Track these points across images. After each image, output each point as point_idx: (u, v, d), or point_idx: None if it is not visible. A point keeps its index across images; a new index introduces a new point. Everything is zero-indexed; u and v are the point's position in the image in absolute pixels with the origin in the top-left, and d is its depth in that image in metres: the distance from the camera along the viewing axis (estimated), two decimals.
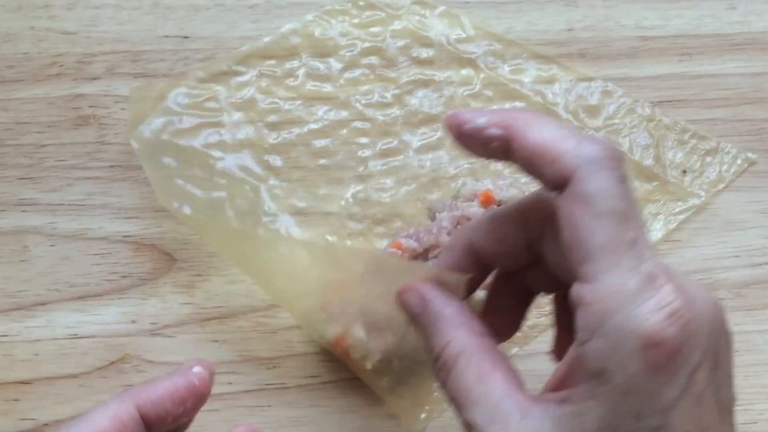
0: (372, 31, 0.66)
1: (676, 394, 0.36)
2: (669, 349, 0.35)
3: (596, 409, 0.36)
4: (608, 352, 0.36)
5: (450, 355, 0.40)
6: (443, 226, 0.52)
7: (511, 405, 0.38)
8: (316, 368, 0.53)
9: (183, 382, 0.41)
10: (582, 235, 0.37)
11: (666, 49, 0.65)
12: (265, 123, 0.61)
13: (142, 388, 0.40)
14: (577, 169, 0.37)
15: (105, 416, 0.39)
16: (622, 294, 0.36)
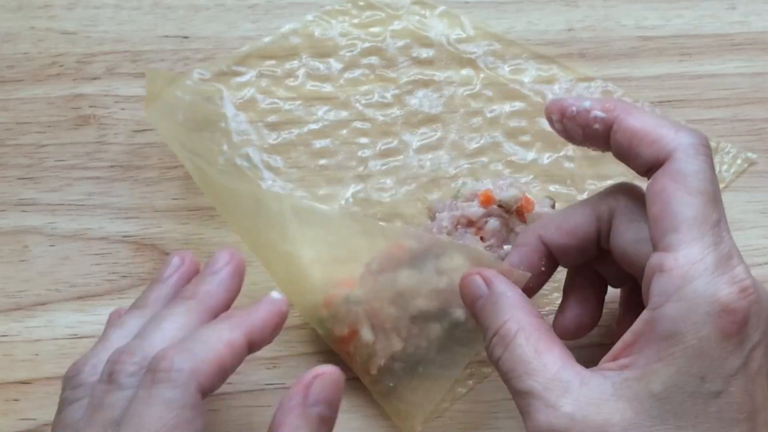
0: (372, 32, 0.66)
1: (738, 364, 0.38)
2: (740, 318, 0.38)
3: (663, 370, 0.39)
4: (683, 314, 0.39)
5: (509, 330, 0.43)
6: (443, 226, 0.52)
7: (569, 374, 0.41)
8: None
9: (276, 311, 0.45)
10: (673, 207, 0.40)
11: (666, 49, 0.65)
12: (265, 123, 0.61)
13: (246, 318, 0.44)
14: (675, 151, 0.42)
15: (220, 341, 0.41)
16: (702, 264, 0.39)
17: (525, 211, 0.53)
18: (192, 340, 0.41)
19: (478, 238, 0.52)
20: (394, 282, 0.49)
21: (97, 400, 0.40)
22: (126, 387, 0.40)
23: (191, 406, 0.39)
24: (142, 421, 0.38)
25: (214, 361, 0.40)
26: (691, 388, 0.38)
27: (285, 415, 0.41)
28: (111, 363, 0.41)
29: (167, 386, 0.39)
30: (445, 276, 0.50)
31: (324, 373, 0.42)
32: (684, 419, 0.38)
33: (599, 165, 0.59)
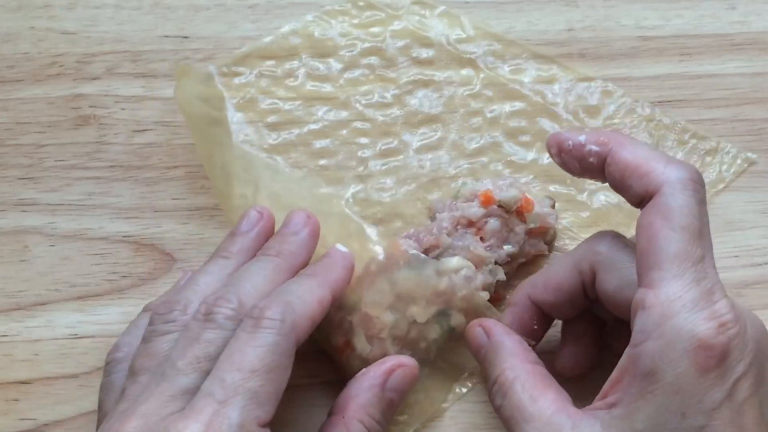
0: (372, 32, 0.66)
1: (720, 398, 0.39)
2: (717, 353, 0.39)
3: (645, 408, 0.40)
4: (662, 351, 0.39)
5: (506, 378, 0.45)
6: (443, 227, 0.52)
7: (562, 418, 0.42)
8: (316, 368, 0.53)
9: (349, 266, 0.49)
10: (657, 243, 0.41)
11: (666, 49, 0.65)
12: (265, 123, 0.61)
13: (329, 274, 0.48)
14: (663, 185, 0.42)
15: (313, 297, 0.45)
16: (681, 301, 0.40)
17: (525, 211, 0.53)
18: (289, 294, 0.44)
19: (477, 238, 0.52)
20: (393, 284, 0.49)
21: (194, 335, 0.43)
22: (224, 328, 0.43)
23: (289, 354, 0.43)
24: (243, 358, 0.41)
25: (308, 316, 0.44)
26: (673, 424, 0.39)
27: (363, 390, 0.47)
28: (209, 304, 0.44)
29: (271, 332, 0.42)
30: (445, 277, 0.50)
31: (407, 365, 0.48)
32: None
33: None
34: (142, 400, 0.41)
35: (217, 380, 0.40)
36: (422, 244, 0.51)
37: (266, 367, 0.41)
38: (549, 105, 0.62)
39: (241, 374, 0.40)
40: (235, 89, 0.62)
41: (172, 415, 0.40)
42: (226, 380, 0.40)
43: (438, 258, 0.51)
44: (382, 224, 0.57)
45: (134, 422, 0.40)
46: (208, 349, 0.42)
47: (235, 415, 0.40)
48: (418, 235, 0.52)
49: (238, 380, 0.40)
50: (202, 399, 0.40)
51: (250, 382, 0.40)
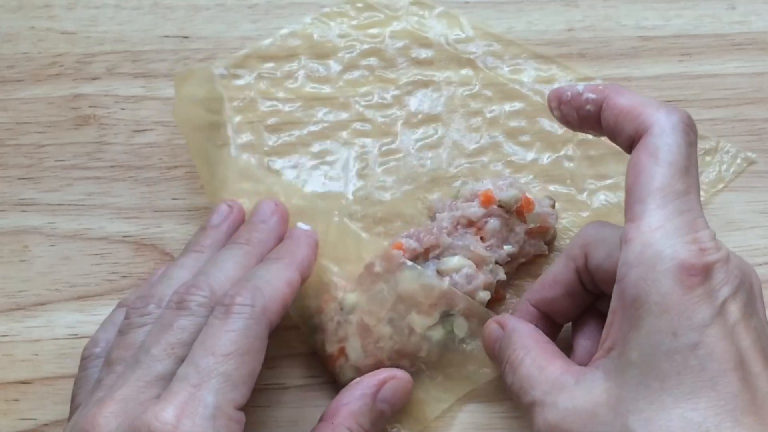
0: (370, 33, 0.66)
1: (709, 315, 0.39)
2: (698, 271, 0.39)
3: (635, 336, 0.40)
4: (644, 276, 0.40)
5: (517, 356, 0.46)
6: (443, 226, 0.52)
7: (566, 377, 0.43)
8: (316, 368, 0.53)
9: (313, 243, 0.51)
10: (641, 179, 0.42)
11: (666, 49, 0.65)
12: (265, 125, 0.61)
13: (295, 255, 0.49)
14: (652, 125, 0.43)
15: (282, 280, 0.46)
16: (662, 230, 0.40)
17: (525, 211, 0.53)
18: (258, 280, 0.45)
19: (478, 238, 0.52)
20: (394, 286, 0.49)
21: (167, 322, 0.44)
22: (197, 314, 0.44)
23: (261, 337, 0.44)
24: (216, 342, 0.42)
25: (279, 299, 0.45)
26: (666, 346, 0.39)
27: (354, 398, 0.47)
28: (180, 293, 0.45)
29: (242, 317, 0.43)
30: (446, 277, 0.50)
31: (400, 378, 0.48)
32: (667, 380, 0.39)
33: (599, 165, 0.59)
34: (118, 386, 0.42)
35: (192, 365, 0.41)
36: (422, 244, 0.51)
37: (239, 350, 0.42)
38: None
39: (214, 358, 0.41)
40: (234, 92, 0.62)
41: (149, 400, 0.41)
42: (200, 365, 0.41)
43: (438, 258, 0.51)
44: (383, 224, 0.57)
45: (111, 407, 0.41)
46: (182, 336, 0.44)
47: (210, 398, 0.40)
48: (419, 235, 0.52)
49: (212, 364, 0.41)
50: (177, 383, 0.41)
51: (223, 365, 0.41)
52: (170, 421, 0.39)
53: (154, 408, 0.40)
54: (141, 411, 0.40)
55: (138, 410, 0.40)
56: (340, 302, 0.50)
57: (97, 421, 0.40)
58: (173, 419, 0.39)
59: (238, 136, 0.60)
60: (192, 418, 0.40)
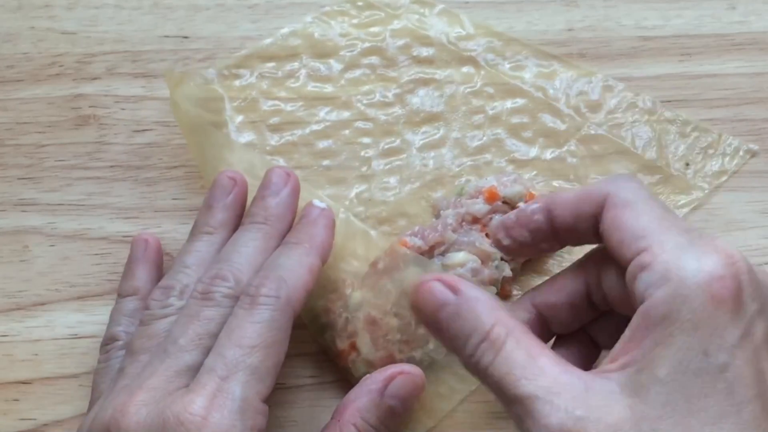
0: (371, 31, 0.66)
1: (738, 334, 0.37)
2: (731, 283, 0.37)
3: (665, 353, 0.37)
4: (673, 293, 0.38)
5: (499, 335, 0.40)
6: (448, 223, 0.52)
7: (571, 378, 0.39)
8: (316, 368, 0.52)
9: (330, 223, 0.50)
10: (628, 224, 0.41)
11: (666, 49, 0.65)
12: (267, 125, 0.61)
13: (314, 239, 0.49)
14: (609, 194, 0.43)
15: (303, 268, 0.46)
16: (679, 248, 0.39)
17: None
18: (281, 269, 0.46)
19: (483, 234, 0.52)
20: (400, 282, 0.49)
21: (193, 313, 0.45)
22: (222, 305, 0.45)
23: (285, 328, 0.44)
24: (243, 334, 0.42)
25: (302, 288, 0.45)
26: (696, 364, 0.37)
27: (361, 395, 0.46)
28: (206, 284, 0.46)
29: (268, 308, 0.43)
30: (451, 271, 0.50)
31: (410, 373, 0.47)
32: (694, 401, 0.37)
33: (602, 160, 0.60)
34: (147, 375, 0.42)
35: (219, 357, 0.42)
36: (427, 241, 0.51)
37: (264, 342, 0.43)
38: (550, 101, 0.62)
39: (241, 350, 0.42)
40: (236, 91, 0.62)
41: (177, 390, 0.41)
42: (227, 356, 0.42)
43: (443, 254, 0.51)
44: (387, 223, 0.57)
45: (142, 396, 0.41)
46: (209, 327, 0.44)
47: (238, 391, 0.41)
48: (423, 233, 0.52)
49: (239, 356, 0.42)
50: (205, 375, 0.41)
51: (250, 357, 0.42)
52: (200, 413, 0.40)
53: (184, 399, 0.40)
54: (170, 401, 0.40)
55: (167, 400, 0.41)
56: (346, 300, 0.50)
57: (128, 410, 0.41)
58: (203, 411, 0.40)
59: (240, 135, 0.60)
60: (221, 411, 0.40)
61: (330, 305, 0.51)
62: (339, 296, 0.51)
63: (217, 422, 0.40)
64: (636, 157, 0.60)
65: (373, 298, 0.49)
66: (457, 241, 0.52)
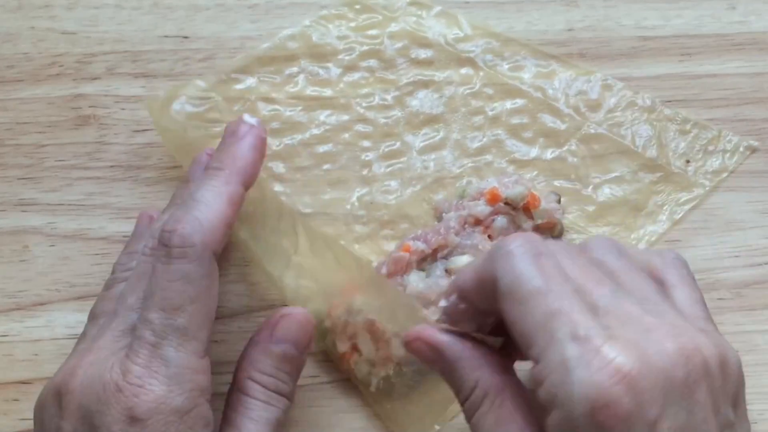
0: (369, 34, 0.66)
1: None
2: (617, 408, 0.35)
3: None
4: (563, 422, 0.36)
5: (477, 396, 0.41)
6: (451, 226, 0.52)
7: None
8: (316, 368, 0.52)
9: (260, 142, 0.48)
10: (518, 326, 0.38)
11: (666, 49, 0.65)
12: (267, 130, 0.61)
13: (235, 161, 0.47)
14: (494, 270, 0.39)
15: (222, 200, 0.45)
16: (564, 365, 0.36)
17: (532, 207, 0.53)
18: (195, 206, 0.44)
19: (486, 236, 0.52)
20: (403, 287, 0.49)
21: (143, 270, 0.45)
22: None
23: (208, 275, 0.43)
24: (165, 295, 0.42)
25: (221, 224, 0.44)
26: None
27: (251, 348, 0.46)
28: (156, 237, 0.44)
29: (184, 261, 0.42)
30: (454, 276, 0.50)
31: (291, 314, 0.46)
32: None
33: (603, 160, 0.60)
34: (98, 335, 0.43)
35: (147, 323, 0.42)
36: (430, 245, 0.51)
37: (188, 298, 0.42)
38: (550, 101, 0.62)
39: (166, 313, 0.42)
40: (235, 96, 0.62)
41: (122, 350, 0.42)
42: (153, 321, 0.42)
43: (447, 258, 0.51)
44: (389, 226, 0.57)
45: (90, 357, 0.42)
46: None
47: (171, 355, 0.41)
48: (426, 236, 0.52)
49: (165, 320, 0.42)
50: (137, 341, 0.42)
51: (176, 319, 0.42)
52: (136, 382, 0.40)
53: (122, 366, 0.41)
54: (110, 365, 0.41)
55: (108, 363, 0.41)
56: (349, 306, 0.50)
57: (77, 371, 0.41)
58: (138, 379, 0.40)
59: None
60: (157, 377, 0.41)
61: (332, 310, 0.51)
62: (342, 301, 0.51)
63: (154, 388, 0.40)
64: (636, 155, 0.60)
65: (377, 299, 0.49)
66: (460, 244, 0.52)
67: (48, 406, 0.42)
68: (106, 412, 0.40)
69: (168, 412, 0.41)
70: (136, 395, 0.40)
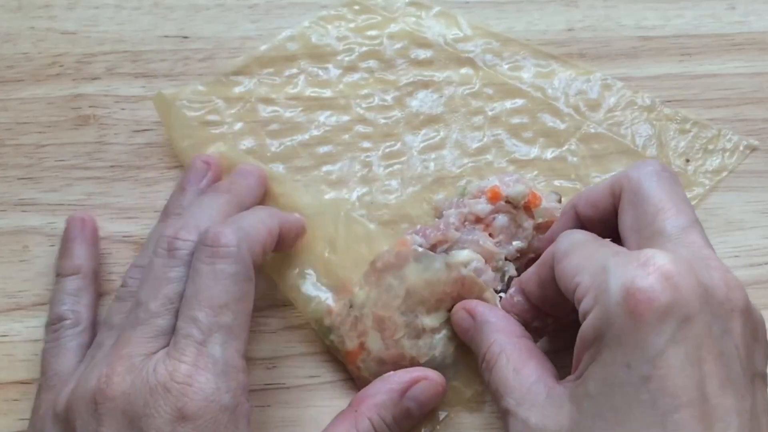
0: (369, 35, 0.66)
1: (662, 343, 0.37)
2: (649, 295, 0.37)
3: (594, 370, 0.39)
4: (599, 315, 0.39)
5: (493, 354, 0.45)
6: (450, 222, 0.52)
7: (539, 387, 0.42)
8: (316, 368, 0.52)
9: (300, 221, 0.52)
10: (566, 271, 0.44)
11: (666, 49, 0.65)
12: (267, 132, 0.61)
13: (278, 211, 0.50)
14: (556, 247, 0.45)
15: (263, 225, 0.47)
16: (605, 272, 0.39)
17: (532, 206, 0.53)
18: (240, 220, 0.46)
19: (486, 234, 0.52)
20: (402, 280, 0.49)
21: (160, 274, 0.45)
22: (188, 264, 0.45)
23: (250, 279, 0.44)
24: (211, 294, 0.43)
25: (260, 242, 0.46)
26: (620, 379, 0.38)
27: (382, 391, 0.47)
28: (170, 240, 0.46)
29: (229, 261, 0.43)
30: (454, 270, 0.50)
31: (432, 379, 0.48)
32: (620, 412, 0.38)
33: (603, 159, 0.60)
34: (123, 344, 0.43)
35: (192, 321, 0.42)
36: (429, 240, 0.51)
37: (234, 297, 0.43)
38: (550, 100, 0.62)
39: (212, 311, 0.43)
40: (234, 98, 0.62)
41: (156, 353, 0.42)
42: (200, 319, 0.42)
43: (447, 252, 0.51)
44: (389, 226, 0.57)
45: (123, 364, 0.42)
46: (178, 288, 0.44)
47: (218, 352, 0.42)
48: (425, 231, 0.52)
49: (212, 318, 0.42)
50: (182, 340, 0.42)
51: (222, 317, 0.43)
52: (184, 380, 0.41)
53: (167, 367, 0.41)
54: (153, 369, 0.41)
55: (149, 367, 0.41)
56: (350, 300, 0.50)
57: (112, 379, 0.41)
58: (187, 378, 0.41)
59: (240, 142, 0.60)
60: (205, 375, 0.41)
61: (333, 306, 0.51)
62: (342, 297, 0.51)
63: (203, 386, 0.41)
64: (636, 154, 0.60)
65: (377, 296, 0.49)
66: (460, 240, 0.52)
67: (81, 413, 0.42)
68: (155, 414, 0.40)
69: (217, 410, 0.41)
70: (185, 394, 0.41)
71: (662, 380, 0.37)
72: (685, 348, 0.37)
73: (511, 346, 0.45)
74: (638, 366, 0.37)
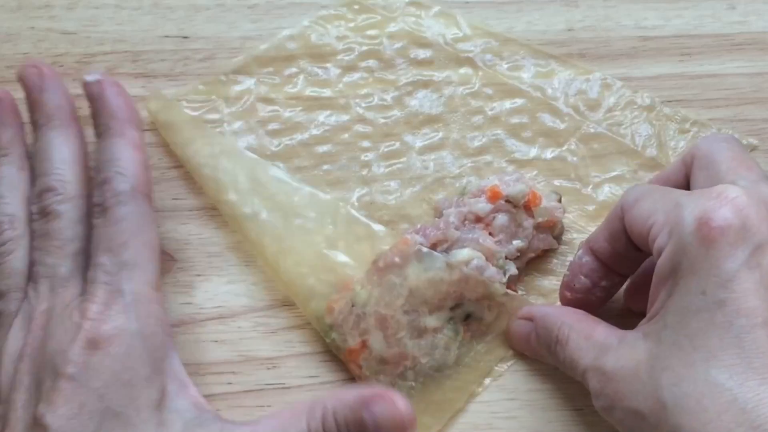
0: (368, 34, 0.66)
1: (735, 267, 0.39)
2: (720, 222, 0.39)
3: (672, 302, 0.41)
4: (674, 248, 0.41)
5: (563, 333, 0.47)
6: (450, 221, 0.52)
7: (612, 340, 0.44)
8: (316, 368, 0.53)
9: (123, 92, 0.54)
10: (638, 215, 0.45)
11: (666, 49, 0.65)
12: (266, 131, 0.61)
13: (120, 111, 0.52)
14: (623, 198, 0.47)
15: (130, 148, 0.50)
16: (678, 207, 0.41)
17: (532, 205, 0.53)
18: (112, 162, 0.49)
19: (487, 233, 0.52)
20: (405, 279, 0.49)
21: (44, 233, 0.48)
22: (64, 212, 0.48)
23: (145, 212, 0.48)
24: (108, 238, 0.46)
25: (140, 167, 0.49)
26: (696, 305, 0.39)
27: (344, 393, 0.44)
28: (38, 202, 0.49)
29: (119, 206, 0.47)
30: (456, 270, 0.50)
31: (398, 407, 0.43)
32: (696, 339, 0.39)
33: (602, 159, 0.60)
34: (39, 302, 0.45)
35: (98, 267, 0.45)
36: (429, 239, 0.51)
37: (130, 232, 0.46)
38: (549, 100, 0.62)
39: (113, 252, 0.45)
40: (234, 98, 0.62)
41: (71, 300, 0.45)
42: (105, 264, 0.45)
43: (447, 252, 0.51)
44: (389, 227, 0.57)
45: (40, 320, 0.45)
46: (65, 234, 0.47)
47: (126, 286, 0.45)
48: (425, 230, 0.52)
49: (113, 258, 0.45)
50: (92, 286, 0.45)
51: (124, 254, 0.45)
52: (97, 317, 0.43)
53: (80, 310, 0.44)
54: (68, 315, 0.43)
55: (65, 314, 0.44)
56: (351, 298, 0.50)
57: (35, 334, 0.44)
58: (98, 315, 0.43)
59: (239, 141, 0.60)
60: (115, 308, 0.44)
61: (333, 305, 0.51)
62: (342, 295, 0.51)
63: (113, 316, 0.43)
64: (636, 154, 0.60)
65: (380, 295, 0.49)
66: (460, 238, 0.52)
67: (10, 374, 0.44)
68: (69, 350, 0.42)
69: (128, 336, 0.43)
70: (97, 327, 0.43)
71: (737, 302, 0.39)
72: (758, 273, 0.39)
73: (578, 322, 0.47)
74: (713, 291, 0.39)
